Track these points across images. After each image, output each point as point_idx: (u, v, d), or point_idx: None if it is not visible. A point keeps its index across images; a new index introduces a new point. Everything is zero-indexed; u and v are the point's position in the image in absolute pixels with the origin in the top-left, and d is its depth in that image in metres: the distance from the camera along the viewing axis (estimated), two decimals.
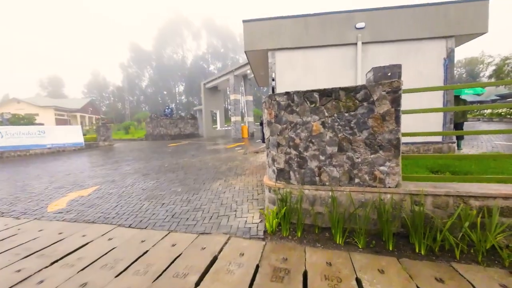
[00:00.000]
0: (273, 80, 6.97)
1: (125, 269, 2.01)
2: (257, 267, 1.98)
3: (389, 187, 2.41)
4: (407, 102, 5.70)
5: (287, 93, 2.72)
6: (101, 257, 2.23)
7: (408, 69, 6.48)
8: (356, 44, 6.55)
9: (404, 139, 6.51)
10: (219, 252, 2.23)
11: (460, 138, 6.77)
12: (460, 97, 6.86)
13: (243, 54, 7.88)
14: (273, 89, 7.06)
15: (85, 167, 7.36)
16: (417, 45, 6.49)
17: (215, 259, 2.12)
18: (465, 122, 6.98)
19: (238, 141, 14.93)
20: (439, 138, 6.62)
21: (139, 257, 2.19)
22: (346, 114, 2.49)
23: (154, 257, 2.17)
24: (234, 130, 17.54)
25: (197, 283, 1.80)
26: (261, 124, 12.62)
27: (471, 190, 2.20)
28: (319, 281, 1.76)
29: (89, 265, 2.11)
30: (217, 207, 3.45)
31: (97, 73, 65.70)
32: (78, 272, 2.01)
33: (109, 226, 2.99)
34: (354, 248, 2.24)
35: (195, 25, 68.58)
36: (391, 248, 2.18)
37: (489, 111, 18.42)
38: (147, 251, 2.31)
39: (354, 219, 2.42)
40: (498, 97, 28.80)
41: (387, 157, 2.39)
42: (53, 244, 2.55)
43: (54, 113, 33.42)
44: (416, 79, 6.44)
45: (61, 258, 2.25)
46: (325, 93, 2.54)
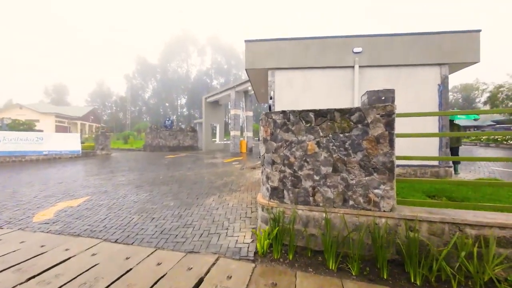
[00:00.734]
0: (271, 98, 7.12)
1: None
2: None
3: (384, 210, 2.37)
4: (401, 125, 5.80)
5: (283, 112, 2.75)
6: (81, 274, 2.12)
7: (403, 93, 6.66)
8: (353, 67, 6.78)
9: (401, 162, 6.51)
10: (206, 273, 2.13)
11: (456, 162, 6.79)
12: (454, 121, 6.98)
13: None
14: (270, 107, 7.18)
15: (79, 176, 7.25)
16: (413, 71, 6.73)
17: (200, 281, 2.01)
18: (464, 146, 7.05)
19: (236, 155, 14.89)
20: (436, 162, 6.63)
21: (121, 276, 2.08)
22: (341, 135, 2.50)
23: (137, 277, 2.06)
24: (233, 145, 17.57)
25: None
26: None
27: (467, 218, 2.15)
28: None
29: (66, 283, 1.99)
30: (209, 224, 3.34)
31: (102, 82, 67.09)
32: None
33: (95, 240, 2.88)
34: (347, 275, 2.14)
35: (201, 42, 71.27)
36: (385, 277, 2.09)
37: (485, 136, 18.66)
38: (130, 269, 2.20)
39: (348, 243, 2.34)
40: (494, 123, 29.39)
41: (382, 180, 2.37)
42: (33, 257, 2.43)
43: (54, 120, 33.59)
44: (411, 103, 6.59)
45: (39, 274, 2.13)
46: (320, 114, 2.58)
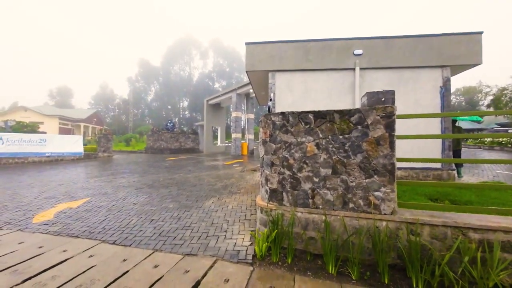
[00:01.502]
0: (271, 100, 7.10)
1: None
2: None
3: (385, 214, 2.32)
4: (404, 127, 5.76)
5: (282, 113, 2.74)
6: (77, 276, 2.10)
7: (405, 95, 6.63)
8: (354, 69, 6.76)
9: (403, 164, 6.44)
10: (203, 277, 2.09)
11: (459, 165, 6.70)
12: (456, 124, 6.90)
13: None
14: (269, 108, 7.16)
15: (80, 178, 7.26)
16: (414, 73, 6.69)
17: (197, 284, 1.98)
18: (467, 149, 6.97)
19: (237, 157, 14.86)
20: (438, 165, 6.55)
21: (117, 278, 2.05)
22: (341, 137, 2.47)
23: (133, 280, 2.03)
24: (234, 147, 17.56)
25: None
26: None
27: (470, 222, 2.10)
28: None
29: (62, 285, 1.97)
30: (207, 227, 3.31)
31: (105, 85, 67.76)
32: None
33: (93, 241, 2.86)
34: (347, 279, 2.09)
35: (203, 45, 71.89)
36: (386, 282, 2.04)
37: (489, 139, 18.45)
38: (127, 271, 2.17)
39: (348, 247, 2.30)
40: (498, 126, 29.06)
41: (382, 182, 2.33)
42: (30, 259, 2.41)
43: (58, 122, 33.90)
44: (413, 105, 6.55)
45: (35, 276, 2.11)
46: (319, 115, 2.56)
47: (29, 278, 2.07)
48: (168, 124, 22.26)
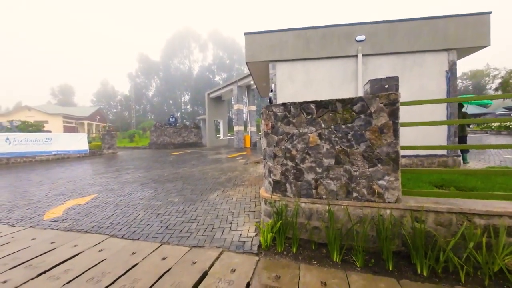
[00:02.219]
0: (272, 91, 7.02)
1: (111, 284, 1.94)
2: (248, 285, 1.88)
3: (389, 202, 2.32)
4: (408, 114, 5.64)
5: (283, 104, 2.70)
6: (88, 269, 2.17)
7: (410, 81, 6.47)
8: (356, 56, 6.60)
9: (408, 152, 6.38)
10: (210, 267, 2.14)
11: (465, 151, 6.60)
12: (462, 110, 6.75)
13: None
14: (271, 100, 7.08)
15: (86, 175, 7.40)
16: (419, 58, 6.50)
17: (204, 275, 2.03)
18: (474, 135, 6.84)
19: (240, 150, 14.90)
20: (444, 151, 6.46)
21: (127, 271, 2.12)
22: (343, 126, 2.44)
23: (142, 272, 2.10)
24: (236, 140, 17.58)
25: None
26: None
27: (475, 207, 2.09)
28: None
29: (75, 278, 2.04)
30: (213, 219, 3.37)
31: (106, 82, 67.74)
32: (63, 286, 1.94)
33: (102, 236, 2.94)
34: (352, 267, 2.12)
35: (202, 37, 70.78)
36: (391, 268, 2.06)
37: (497, 124, 18.07)
38: (136, 264, 2.24)
39: (352, 235, 2.32)
40: (506, 110, 28.35)
41: (386, 170, 2.32)
42: (43, 254, 2.50)
43: (62, 120, 34.23)
44: (418, 91, 6.40)
45: (49, 270, 2.19)
46: (321, 105, 2.52)
47: (44, 272, 2.15)
48: (171, 119, 22.29)
